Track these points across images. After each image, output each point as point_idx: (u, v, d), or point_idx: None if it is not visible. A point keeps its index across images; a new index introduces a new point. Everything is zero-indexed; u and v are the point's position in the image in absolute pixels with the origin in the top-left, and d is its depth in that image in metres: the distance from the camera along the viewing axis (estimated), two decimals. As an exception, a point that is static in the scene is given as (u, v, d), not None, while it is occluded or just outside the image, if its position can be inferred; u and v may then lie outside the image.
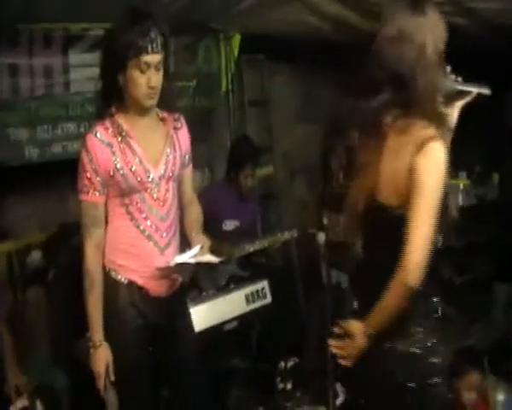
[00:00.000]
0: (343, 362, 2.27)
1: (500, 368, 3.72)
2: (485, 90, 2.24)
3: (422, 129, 2.05)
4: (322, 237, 3.86)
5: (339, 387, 3.92)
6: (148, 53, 2.44)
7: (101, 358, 2.55)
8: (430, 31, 2.06)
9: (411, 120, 2.07)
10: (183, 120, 2.80)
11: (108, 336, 2.59)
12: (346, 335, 2.25)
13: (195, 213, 2.87)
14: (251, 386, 3.86)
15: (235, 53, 5.06)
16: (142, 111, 2.59)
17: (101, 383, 2.57)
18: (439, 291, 4.49)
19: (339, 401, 3.92)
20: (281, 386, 3.95)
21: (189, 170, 2.87)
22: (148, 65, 2.46)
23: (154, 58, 2.46)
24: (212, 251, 2.73)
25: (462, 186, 4.94)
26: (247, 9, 4.20)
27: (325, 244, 3.97)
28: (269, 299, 3.79)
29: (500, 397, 3.59)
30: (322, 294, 3.82)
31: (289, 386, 3.93)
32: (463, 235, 4.68)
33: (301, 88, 5.89)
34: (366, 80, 2.14)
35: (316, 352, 3.91)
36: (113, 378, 2.57)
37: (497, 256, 4.86)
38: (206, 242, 2.71)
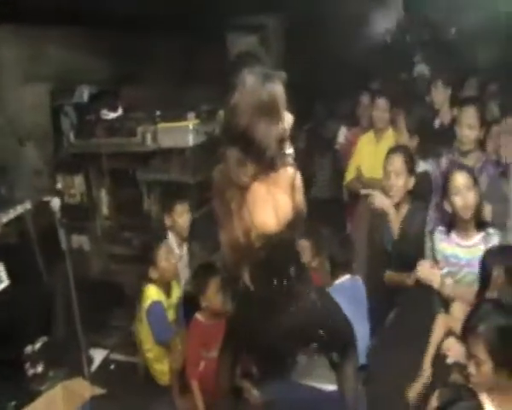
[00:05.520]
0: None
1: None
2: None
3: (284, 170, 2.37)
4: (56, 202, 3.39)
5: (93, 351, 3.63)
6: None
7: None
8: (280, 99, 2.31)
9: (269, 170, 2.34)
10: None
11: None
12: None
13: None
14: (-1, 381, 3.35)
15: None
16: None
17: None
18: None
19: (94, 366, 3.64)
20: (31, 371, 3.47)
21: None
22: None
23: None
24: None
25: (191, 126, 4.75)
26: None
27: (61, 209, 3.50)
28: (6, 282, 3.27)
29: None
30: (64, 261, 3.42)
31: (40, 368, 3.47)
32: (198, 171, 4.64)
33: (25, 48, 5.17)
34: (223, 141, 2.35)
35: (65, 322, 3.50)
36: None
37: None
38: None
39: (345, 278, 3.68)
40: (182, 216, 4.09)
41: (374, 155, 4.43)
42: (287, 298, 2.51)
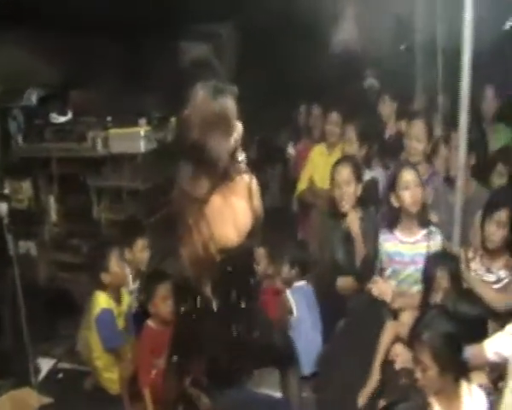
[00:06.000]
0: None
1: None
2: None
3: (240, 178, 2.41)
4: (4, 207, 3.31)
5: (41, 361, 3.54)
6: None
7: None
8: (232, 113, 2.33)
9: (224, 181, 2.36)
10: None
11: None
12: None
13: None
14: None
15: None
16: None
17: None
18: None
19: (42, 375, 3.55)
20: (-24, 383, 3.35)
21: None
22: None
23: None
24: None
25: (143, 133, 4.74)
26: None
27: (8, 214, 3.42)
28: None
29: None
30: (11, 267, 3.34)
31: (-14, 376, 3.37)
32: (148, 178, 4.64)
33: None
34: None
35: (12, 331, 3.41)
36: None
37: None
38: None
39: (302, 283, 3.80)
40: (142, 251, 4.05)
41: (326, 167, 4.43)
42: (241, 311, 2.52)
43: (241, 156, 2.46)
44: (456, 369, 2.42)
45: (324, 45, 6.06)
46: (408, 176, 3.32)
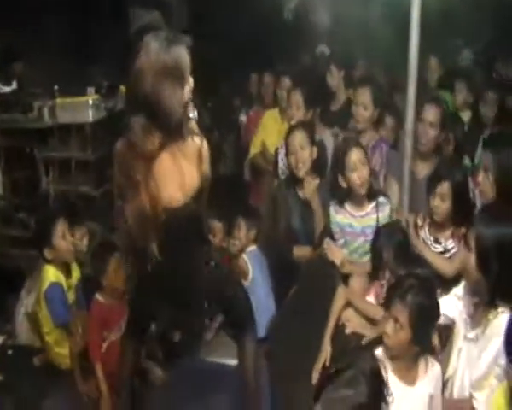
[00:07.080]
0: None
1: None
2: None
3: (191, 140, 2.33)
4: None
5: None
6: None
7: None
8: (185, 63, 2.27)
9: (176, 138, 2.28)
10: None
11: None
12: None
13: None
14: None
15: None
16: None
17: None
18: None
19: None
20: None
21: None
22: None
23: None
24: None
25: (91, 102, 4.60)
26: None
27: None
28: None
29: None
30: None
31: None
32: (98, 148, 4.53)
33: None
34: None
35: None
36: None
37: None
38: None
39: (254, 248, 3.74)
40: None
41: (278, 134, 4.41)
42: (192, 271, 2.48)
43: (193, 113, 2.40)
44: (424, 340, 2.41)
45: (276, 12, 5.99)
46: (354, 156, 3.26)
